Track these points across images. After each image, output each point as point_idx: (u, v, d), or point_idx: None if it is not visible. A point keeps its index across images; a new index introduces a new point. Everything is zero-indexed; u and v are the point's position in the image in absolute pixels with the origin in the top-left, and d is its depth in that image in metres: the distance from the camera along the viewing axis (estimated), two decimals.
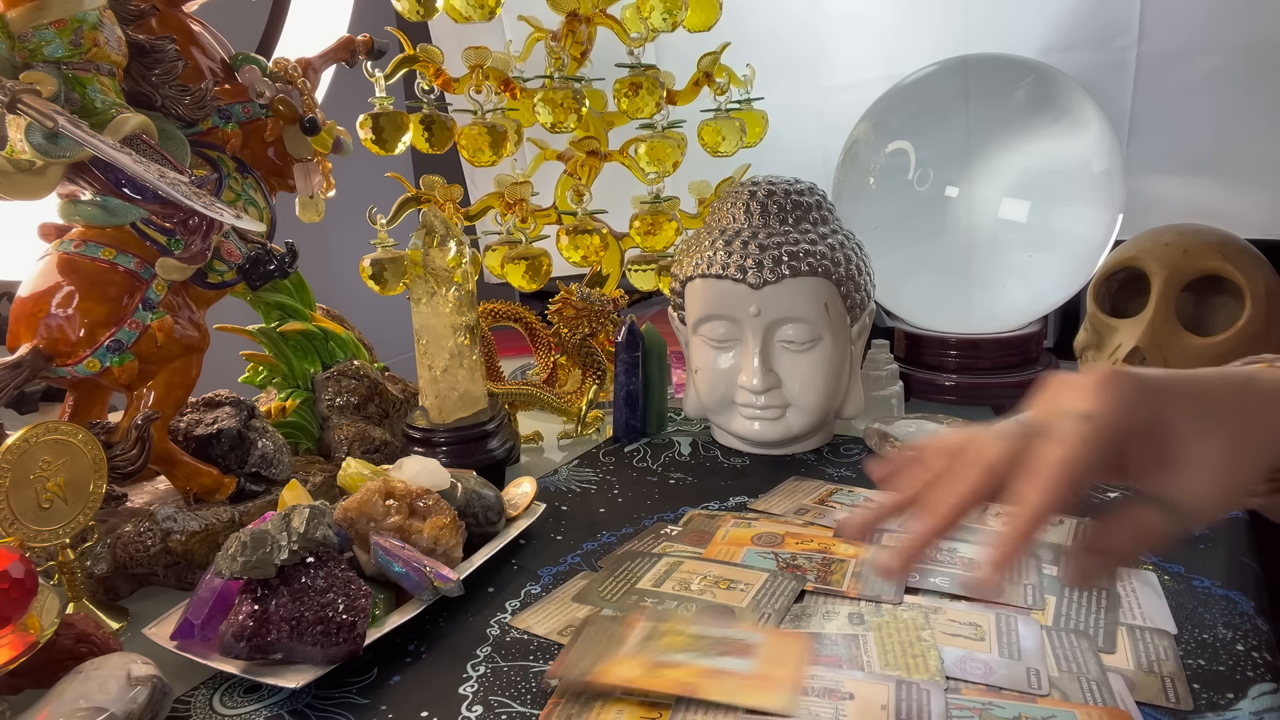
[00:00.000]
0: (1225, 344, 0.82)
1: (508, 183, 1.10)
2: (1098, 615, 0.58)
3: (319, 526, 0.57)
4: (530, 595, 0.66)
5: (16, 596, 0.50)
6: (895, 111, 1.06)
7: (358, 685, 0.56)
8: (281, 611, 0.54)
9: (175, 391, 0.72)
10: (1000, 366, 1.03)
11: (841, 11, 1.21)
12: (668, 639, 0.56)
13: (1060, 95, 0.98)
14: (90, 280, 0.67)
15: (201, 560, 0.70)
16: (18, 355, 0.65)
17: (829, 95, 1.25)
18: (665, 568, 0.67)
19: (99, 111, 0.62)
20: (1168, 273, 0.84)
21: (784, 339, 0.85)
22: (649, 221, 1.08)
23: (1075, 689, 0.50)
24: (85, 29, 0.60)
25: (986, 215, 1.01)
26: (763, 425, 0.88)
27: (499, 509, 0.73)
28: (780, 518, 0.76)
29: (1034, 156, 0.99)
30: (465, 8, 1.04)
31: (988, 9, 1.12)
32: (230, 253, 0.75)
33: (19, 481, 0.56)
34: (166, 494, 0.76)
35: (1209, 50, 1.03)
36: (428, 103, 1.05)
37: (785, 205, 0.87)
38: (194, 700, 0.56)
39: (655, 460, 0.92)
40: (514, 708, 0.52)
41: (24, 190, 0.60)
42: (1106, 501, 0.76)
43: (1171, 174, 1.10)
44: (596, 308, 1.00)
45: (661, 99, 1.05)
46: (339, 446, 0.91)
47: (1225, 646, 0.54)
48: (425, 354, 0.87)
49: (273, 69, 0.81)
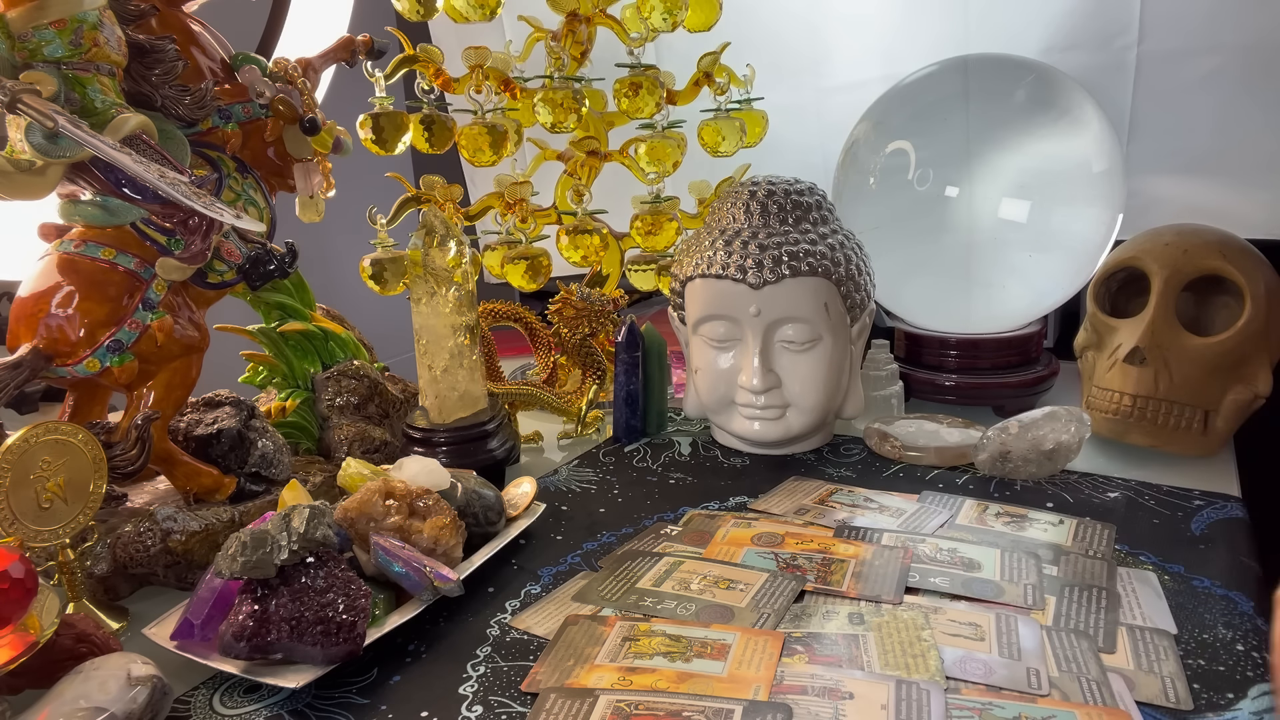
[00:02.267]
0: (1225, 344, 0.82)
1: (508, 183, 1.10)
2: (1098, 615, 0.58)
3: (319, 526, 0.57)
4: (530, 595, 0.66)
5: (16, 596, 0.50)
6: (895, 111, 1.06)
7: (358, 685, 0.56)
8: (281, 611, 0.54)
9: (175, 391, 0.72)
10: (1000, 366, 1.03)
11: (841, 11, 1.21)
12: (644, 641, 0.56)
13: (1060, 95, 0.98)
14: (90, 280, 0.67)
15: (201, 560, 0.70)
16: (18, 355, 0.65)
17: (829, 95, 1.25)
18: (665, 568, 0.67)
19: (99, 111, 0.62)
20: (1168, 273, 0.84)
21: (784, 339, 0.85)
22: (649, 221, 1.08)
23: (1075, 689, 0.50)
24: (85, 29, 0.60)
25: (986, 215, 1.01)
26: (763, 425, 0.88)
27: (499, 509, 0.73)
28: (780, 518, 0.75)
29: (1034, 156, 0.99)
30: (465, 8, 1.04)
31: (988, 9, 1.12)
32: (230, 253, 0.75)
33: (19, 481, 0.56)
34: (166, 494, 0.76)
35: (1209, 50, 1.03)
36: (428, 103, 1.05)
37: (785, 205, 0.87)
38: (194, 700, 0.56)
39: (655, 460, 0.92)
40: (514, 708, 0.52)
41: (24, 190, 0.60)
42: (1108, 501, 0.76)
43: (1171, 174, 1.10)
44: (596, 308, 1.00)
45: (661, 99, 1.04)
46: (339, 446, 0.91)
47: (1225, 646, 0.54)
48: (425, 354, 0.87)
49: (273, 69, 0.81)
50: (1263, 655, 0.53)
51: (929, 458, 0.86)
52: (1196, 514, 0.72)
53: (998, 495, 0.78)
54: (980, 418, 0.95)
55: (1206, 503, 0.74)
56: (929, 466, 0.86)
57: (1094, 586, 0.61)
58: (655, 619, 0.59)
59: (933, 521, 0.73)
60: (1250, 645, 0.54)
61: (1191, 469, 0.81)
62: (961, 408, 1.02)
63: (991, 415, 1.00)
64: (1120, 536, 0.69)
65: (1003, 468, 0.82)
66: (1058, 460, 0.81)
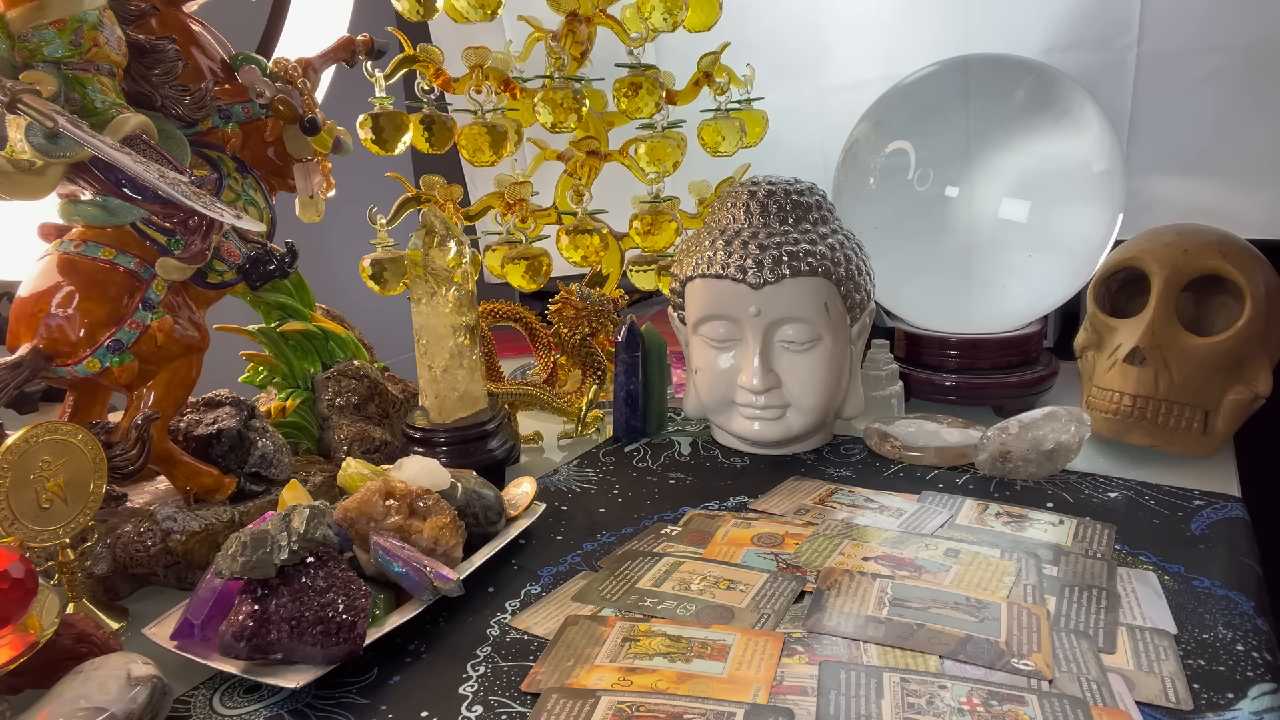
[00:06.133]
0: (1225, 344, 0.82)
1: (508, 183, 1.10)
2: (1098, 615, 0.58)
3: (319, 526, 0.57)
4: (530, 595, 0.66)
5: (16, 596, 0.50)
6: (895, 111, 1.06)
7: (358, 685, 0.56)
8: (281, 611, 0.54)
9: (175, 391, 0.72)
10: (1000, 366, 1.03)
11: (841, 11, 1.21)
12: (644, 641, 0.56)
13: (1060, 95, 0.98)
14: (90, 280, 0.67)
15: (201, 560, 0.70)
16: (18, 355, 0.65)
17: (829, 95, 1.25)
18: (665, 568, 0.67)
19: (99, 111, 0.62)
20: (1168, 273, 0.84)
21: (784, 339, 0.85)
22: (649, 221, 1.08)
23: (1075, 689, 0.50)
24: (85, 29, 0.60)
25: (986, 215, 1.01)
26: (763, 425, 0.88)
27: (499, 509, 0.73)
28: (780, 518, 0.75)
29: (1034, 156, 0.99)
30: (465, 8, 1.04)
31: (988, 9, 1.12)
32: (230, 253, 0.75)
33: (19, 481, 0.56)
34: (166, 494, 0.76)
35: (1209, 50, 1.03)
36: (428, 103, 1.05)
37: (785, 205, 0.87)
38: (194, 700, 0.56)
39: (655, 460, 0.92)
40: (514, 708, 0.52)
41: (24, 190, 0.60)
42: (1108, 501, 0.76)
43: (1171, 174, 1.10)
44: (596, 308, 1.00)
45: (661, 99, 1.04)
46: (339, 446, 0.91)
47: (1225, 646, 0.54)
48: (425, 354, 0.87)
49: (273, 69, 0.81)
50: (1263, 655, 0.53)
51: (929, 458, 0.86)
52: (1196, 514, 0.72)
53: (998, 495, 0.78)
54: (980, 418, 0.94)
55: (1206, 503, 0.74)
56: (929, 466, 0.86)
57: (1094, 586, 0.61)
58: (655, 619, 0.59)
59: (933, 522, 0.73)
60: (1250, 645, 0.54)
61: (1191, 469, 0.81)
62: (961, 408, 1.02)
63: (991, 415, 1.00)
64: (1120, 536, 0.69)
65: (1003, 468, 0.82)
66: (1058, 460, 0.81)
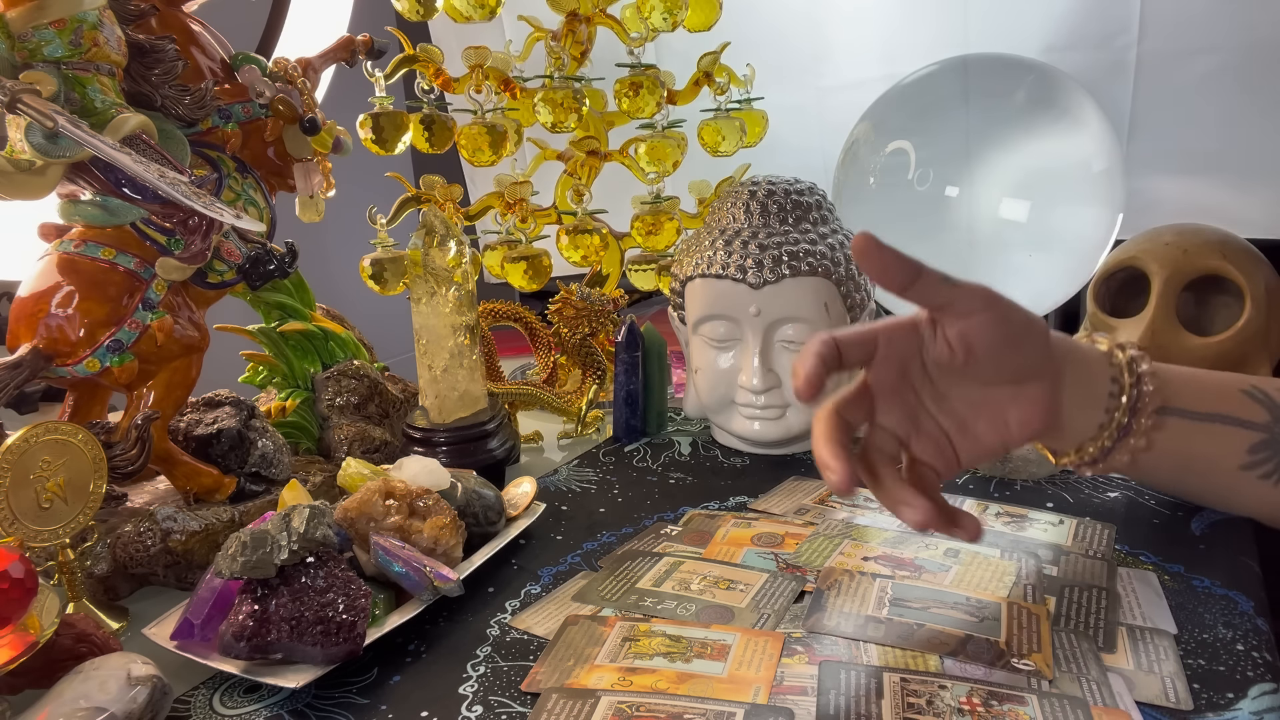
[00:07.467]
0: (1225, 344, 0.82)
1: (508, 183, 1.10)
2: (1098, 615, 0.58)
3: (319, 526, 0.57)
4: (530, 595, 0.66)
5: (16, 596, 0.50)
6: (895, 111, 1.06)
7: (358, 685, 0.56)
8: (281, 611, 0.54)
9: (175, 391, 0.72)
10: None
11: (841, 11, 1.21)
12: (644, 641, 0.56)
13: (1060, 95, 0.98)
14: (90, 280, 0.67)
15: (201, 560, 0.70)
16: (18, 355, 0.65)
17: (829, 95, 1.25)
18: (665, 568, 0.67)
19: (99, 111, 0.62)
20: (1168, 273, 0.84)
21: (784, 339, 0.85)
22: (649, 221, 1.08)
23: (1075, 689, 0.50)
24: (85, 29, 0.60)
25: (986, 215, 1.01)
26: (763, 425, 0.88)
27: (499, 509, 0.73)
28: (780, 518, 0.76)
29: (1034, 156, 0.99)
30: (465, 8, 1.04)
31: (988, 9, 1.12)
32: (230, 253, 0.75)
33: (19, 481, 0.56)
34: (166, 494, 0.76)
35: (1209, 50, 1.03)
36: (428, 103, 1.05)
37: (785, 205, 0.87)
38: (194, 700, 0.56)
39: (655, 460, 0.92)
40: (514, 708, 0.52)
41: (24, 190, 0.60)
42: (1108, 501, 0.76)
43: (1171, 174, 1.10)
44: (596, 308, 1.00)
45: (661, 99, 1.04)
46: (339, 446, 0.91)
47: (1225, 646, 0.54)
48: (425, 354, 0.87)
49: (273, 69, 0.81)
50: (1263, 655, 0.53)
51: None
52: (1196, 514, 0.72)
53: (998, 495, 0.78)
54: None
55: None
56: None
57: (1094, 586, 0.61)
58: (655, 619, 0.59)
59: None
60: (1250, 645, 0.54)
61: None
62: None
63: None
64: (1120, 536, 0.69)
65: (1003, 467, 0.82)
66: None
